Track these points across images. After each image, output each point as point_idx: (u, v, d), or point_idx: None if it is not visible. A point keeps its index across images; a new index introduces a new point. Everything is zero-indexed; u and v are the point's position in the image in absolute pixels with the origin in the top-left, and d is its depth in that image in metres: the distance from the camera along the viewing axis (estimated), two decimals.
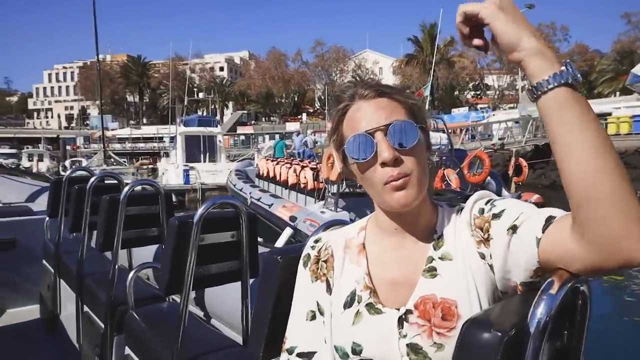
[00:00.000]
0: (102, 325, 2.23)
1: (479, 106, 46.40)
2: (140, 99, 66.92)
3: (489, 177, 12.85)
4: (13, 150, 37.51)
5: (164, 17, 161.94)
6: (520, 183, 13.71)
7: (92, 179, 2.83)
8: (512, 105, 38.11)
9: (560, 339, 0.68)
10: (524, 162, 13.79)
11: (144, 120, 63.89)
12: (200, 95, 55.71)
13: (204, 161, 19.89)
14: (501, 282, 0.75)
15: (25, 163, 29.63)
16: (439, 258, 0.81)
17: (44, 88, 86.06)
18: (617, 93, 35.86)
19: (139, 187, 2.54)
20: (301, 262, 0.96)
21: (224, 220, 1.77)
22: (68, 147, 40.24)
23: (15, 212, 3.91)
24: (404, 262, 0.84)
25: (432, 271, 0.80)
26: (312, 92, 64.82)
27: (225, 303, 1.97)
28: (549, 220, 0.68)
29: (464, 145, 18.74)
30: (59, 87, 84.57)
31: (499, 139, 20.75)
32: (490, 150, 16.59)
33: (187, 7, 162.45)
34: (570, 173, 0.62)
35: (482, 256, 0.77)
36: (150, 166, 23.60)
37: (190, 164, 18.89)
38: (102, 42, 26.55)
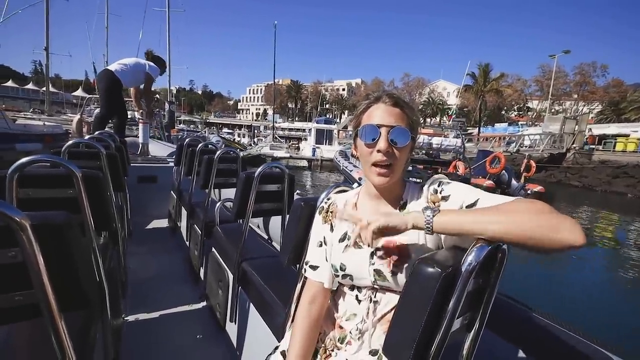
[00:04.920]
0: (200, 233, 2.19)
1: (520, 123, 40.24)
2: (295, 106, 70.09)
3: (503, 171, 11.92)
4: (230, 131, 42.10)
5: (314, 55, 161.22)
6: (528, 177, 12.25)
7: (199, 145, 2.77)
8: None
9: (482, 278, 0.60)
10: (533, 163, 12.32)
11: (296, 118, 67.51)
12: (328, 106, 57.13)
13: (325, 144, 20.53)
14: (447, 242, 0.69)
15: (236, 137, 32.26)
16: None
17: (246, 97, 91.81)
18: None
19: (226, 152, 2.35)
20: (317, 210, 0.89)
21: (274, 176, 1.64)
22: (256, 131, 45.49)
23: (158, 161, 3.99)
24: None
25: None
26: None
27: (278, 228, 1.84)
28: None
29: (493, 149, 17.26)
30: (253, 97, 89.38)
31: (524, 146, 18.35)
32: (507, 153, 14.69)
33: (347, 49, 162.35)
34: (493, 236, 0.56)
35: None
36: (296, 144, 24.46)
37: (317, 145, 19.98)
38: (277, 69, 28.35)
